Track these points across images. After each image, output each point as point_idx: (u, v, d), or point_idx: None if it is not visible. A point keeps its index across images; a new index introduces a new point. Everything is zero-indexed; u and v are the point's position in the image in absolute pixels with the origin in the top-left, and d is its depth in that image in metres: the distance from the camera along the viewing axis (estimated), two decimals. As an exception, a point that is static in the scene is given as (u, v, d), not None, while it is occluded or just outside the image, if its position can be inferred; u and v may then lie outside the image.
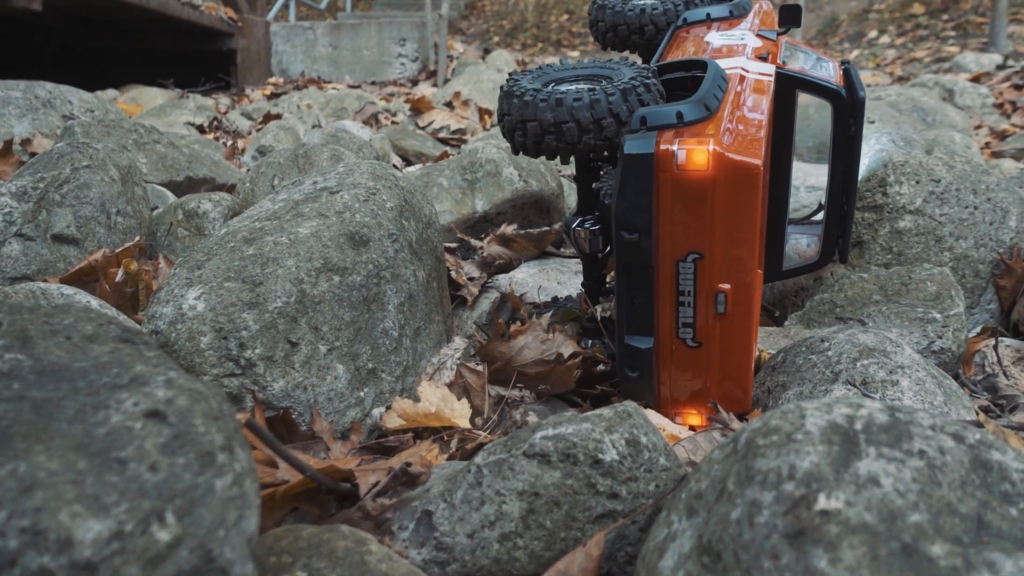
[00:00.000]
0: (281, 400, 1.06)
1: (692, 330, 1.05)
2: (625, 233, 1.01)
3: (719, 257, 1.00)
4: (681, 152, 0.97)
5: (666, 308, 1.05)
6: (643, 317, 1.06)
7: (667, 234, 1.01)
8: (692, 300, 1.03)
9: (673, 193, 0.98)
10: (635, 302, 1.05)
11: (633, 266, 1.03)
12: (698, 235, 0.99)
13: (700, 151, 0.96)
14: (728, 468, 0.63)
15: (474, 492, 0.79)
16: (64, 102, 3.00)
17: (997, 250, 1.55)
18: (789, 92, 1.26)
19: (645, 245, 1.01)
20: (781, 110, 1.27)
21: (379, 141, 2.85)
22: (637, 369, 1.08)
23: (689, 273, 1.02)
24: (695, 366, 1.07)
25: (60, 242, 1.47)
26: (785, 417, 0.63)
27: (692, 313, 1.04)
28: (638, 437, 0.82)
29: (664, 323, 1.06)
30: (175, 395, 0.61)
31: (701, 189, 0.97)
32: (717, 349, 1.05)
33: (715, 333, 1.04)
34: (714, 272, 1.01)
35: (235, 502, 0.57)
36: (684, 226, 0.99)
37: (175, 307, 1.08)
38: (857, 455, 0.57)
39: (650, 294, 1.04)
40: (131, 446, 0.56)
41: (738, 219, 0.98)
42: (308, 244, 1.14)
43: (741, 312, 1.02)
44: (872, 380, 1.07)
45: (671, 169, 0.97)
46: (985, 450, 0.60)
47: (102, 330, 0.76)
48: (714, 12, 1.58)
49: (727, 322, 1.03)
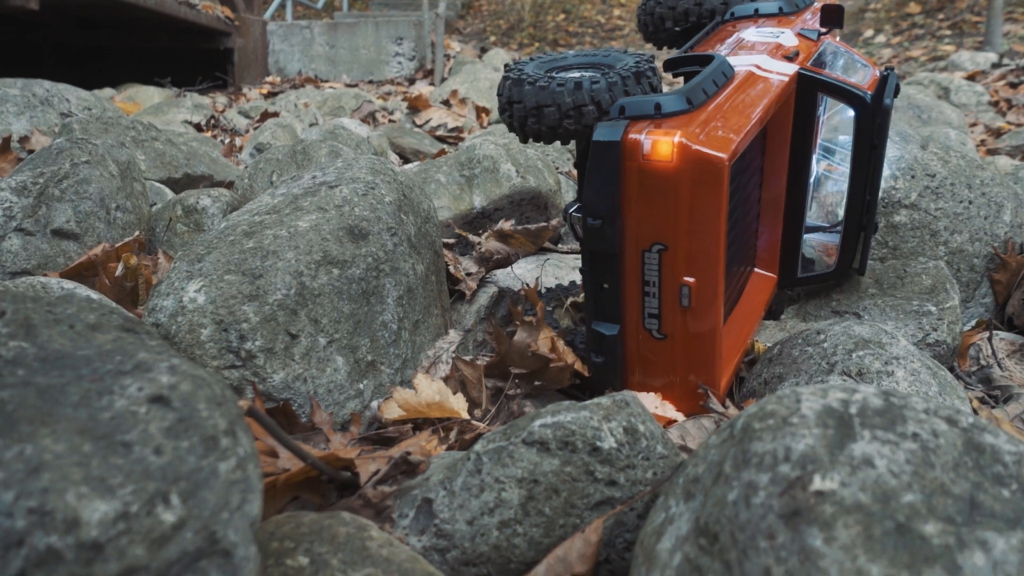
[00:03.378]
0: (281, 392, 1.07)
1: (657, 321, 1.05)
2: (590, 219, 1.02)
3: (683, 250, 1.00)
4: (647, 142, 0.98)
5: (632, 297, 1.06)
6: (610, 304, 1.07)
7: (633, 223, 1.02)
8: (657, 291, 1.04)
9: (639, 182, 0.99)
10: (603, 289, 1.06)
11: (599, 253, 1.04)
12: (663, 226, 1.00)
13: (665, 142, 0.97)
14: (725, 452, 0.64)
15: (474, 480, 0.80)
16: (62, 100, 3.00)
17: (992, 244, 1.56)
18: (811, 94, 1.25)
19: (608, 232, 1.02)
20: (802, 112, 1.25)
21: (377, 139, 2.85)
22: (602, 355, 1.09)
23: (654, 264, 1.02)
24: (661, 357, 1.07)
25: (60, 237, 1.47)
26: (781, 402, 0.64)
27: (657, 304, 1.04)
28: (636, 425, 0.82)
29: (631, 312, 1.07)
30: (178, 381, 0.62)
31: (665, 180, 0.98)
32: (682, 343, 1.05)
33: (680, 326, 1.05)
34: (678, 265, 1.01)
35: (238, 485, 0.58)
36: (649, 216, 1.00)
37: (175, 300, 1.08)
38: (852, 437, 0.58)
39: (616, 282, 1.05)
40: (136, 430, 0.57)
41: (703, 213, 0.98)
42: (307, 237, 1.15)
43: (706, 307, 1.03)
44: (867, 371, 1.08)
45: (638, 158, 0.98)
46: (978, 433, 0.61)
47: (104, 319, 0.76)
48: (763, 8, 1.55)
49: (692, 317, 1.04)
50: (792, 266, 1.35)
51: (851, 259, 1.33)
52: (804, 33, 1.41)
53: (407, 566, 0.70)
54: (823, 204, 1.41)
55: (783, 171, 1.28)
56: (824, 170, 1.42)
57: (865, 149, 1.25)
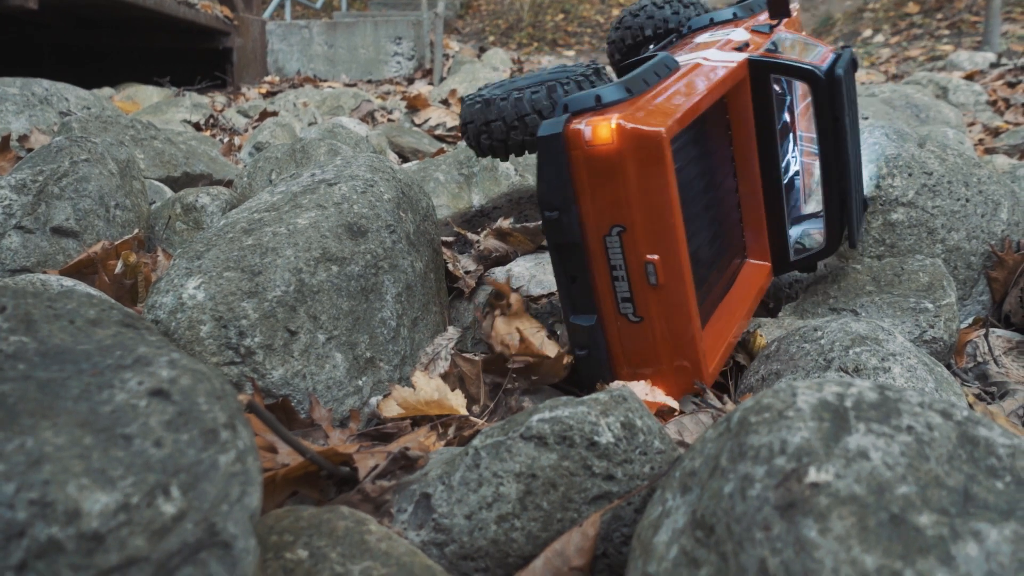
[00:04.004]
0: (280, 388, 1.07)
1: (632, 304, 1.07)
2: (547, 212, 1.05)
3: (641, 228, 1.03)
4: (587, 129, 1.01)
5: (604, 284, 1.08)
6: (583, 295, 1.09)
7: (589, 210, 1.04)
8: (625, 274, 1.06)
9: (587, 169, 1.02)
10: (574, 281, 1.09)
11: (563, 245, 1.07)
12: (617, 208, 1.03)
13: (603, 125, 1.00)
14: (721, 445, 0.64)
15: (472, 474, 0.81)
16: (61, 99, 3.00)
17: (989, 242, 1.57)
18: (764, 80, 1.28)
19: (566, 222, 1.05)
20: (760, 100, 1.28)
21: (376, 137, 2.86)
22: (585, 347, 1.11)
23: (616, 247, 1.04)
24: (642, 341, 1.09)
25: (59, 235, 1.48)
26: (777, 396, 0.64)
27: (628, 287, 1.06)
28: (633, 420, 0.83)
29: (605, 300, 1.09)
30: (178, 375, 0.63)
31: (610, 162, 1.01)
32: (659, 322, 1.07)
33: (654, 306, 1.06)
34: (639, 243, 1.03)
35: (238, 478, 0.59)
36: (603, 200, 1.03)
37: (175, 296, 1.09)
38: (847, 430, 0.59)
39: (585, 271, 1.08)
40: (136, 423, 0.57)
41: (652, 188, 1.01)
42: (307, 234, 1.15)
43: (675, 282, 1.04)
44: (864, 367, 1.09)
45: (582, 146, 1.01)
46: (972, 426, 0.61)
47: (104, 315, 0.77)
48: (717, 16, 1.61)
49: (663, 293, 1.05)
50: (783, 252, 1.36)
51: (839, 234, 1.34)
52: (756, 29, 1.45)
53: (406, 560, 0.70)
54: (815, 192, 1.42)
55: (754, 161, 1.31)
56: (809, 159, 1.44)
57: (827, 122, 1.27)
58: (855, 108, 1.38)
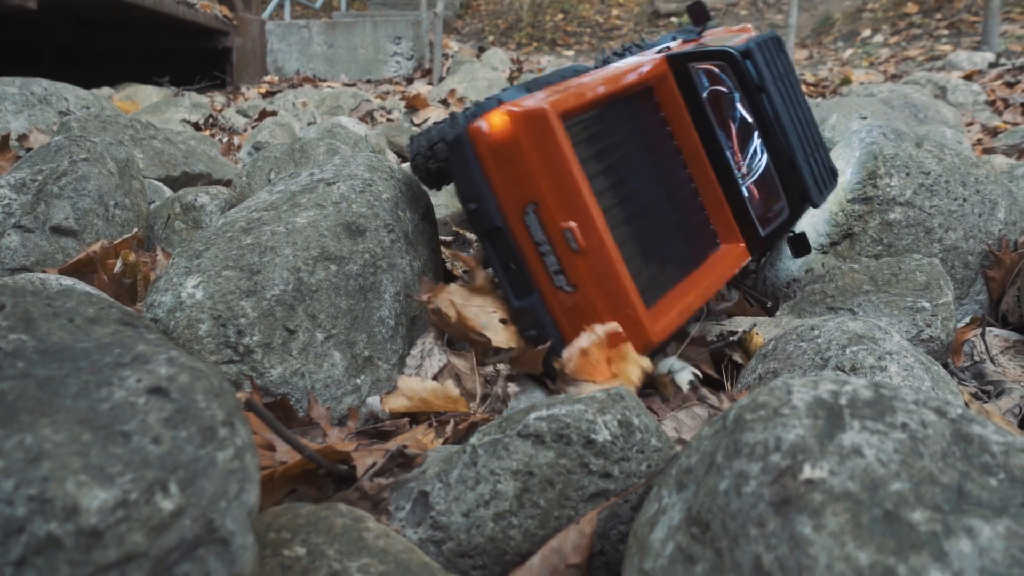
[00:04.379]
0: (279, 387, 1.07)
1: (563, 275, 1.13)
2: (470, 205, 1.15)
3: (552, 199, 1.11)
4: (484, 123, 1.12)
5: (535, 262, 1.14)
6: (520, 278, 1.16)
7: (505, 196, 1.13)
8: (550, 247, 1.13)
9: (492, 158, 1.12)
10: (509, 268, 1.16)
11: (489, 233, 1.16)
12: (526, 186, 1.11)
13: (496, 115, 1.11)
14: (717, 443, 0.64)
15: (469, 472, 0.81)
16: (60, 99, 3.00)
17: (986, 241, 1.57)
18: (686, 73, 1.35)
19: (485, 211, 1.14)
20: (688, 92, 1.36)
21: (375, 137, 2.86)
22: (533, 327, 1.17)
23: (535, 223, 1.12)
24: (582, 310, 1.14)
25: (58, 234, 1.48)
26: (772, 393, 0.65)
27: (555, 259, 1.13)
28: (630, 419, 0.83)
29: (540, 277, 1.15)
30: (177, 372, 0.63)
31: (509, 146, 1.11)
32: (593, 290, 1.12)
33: (583, 272, 1.12)
34: (554, 214, 1.11)
35: (236, 475, 0.59)
36: (513, 183, 1.12)
37: (174, 295, 1.09)
38: (841, 427, 0.59)
39: (516, 254, 1.15)
40: (134, 420, 0.58)
41: (551, 159, 1.09)
42: (305, 234, 1.16)
43: (595, 243, 1.10)
44: (861, 366, 1.09)
45: (483, 140, 1.12)
46: (966, 424, 0.62)
47: (103, 313, 0.77)
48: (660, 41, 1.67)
49: (587, 257, 1.11)
50: (752, 230, 1.38)
51: (796, 196, 1.36)
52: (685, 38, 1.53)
53: (403, 557, 0.71)
54: None
55: (700, 151, 1.37)
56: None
57: (753, 94, 1.34)
58: (790, 80, 1.44)
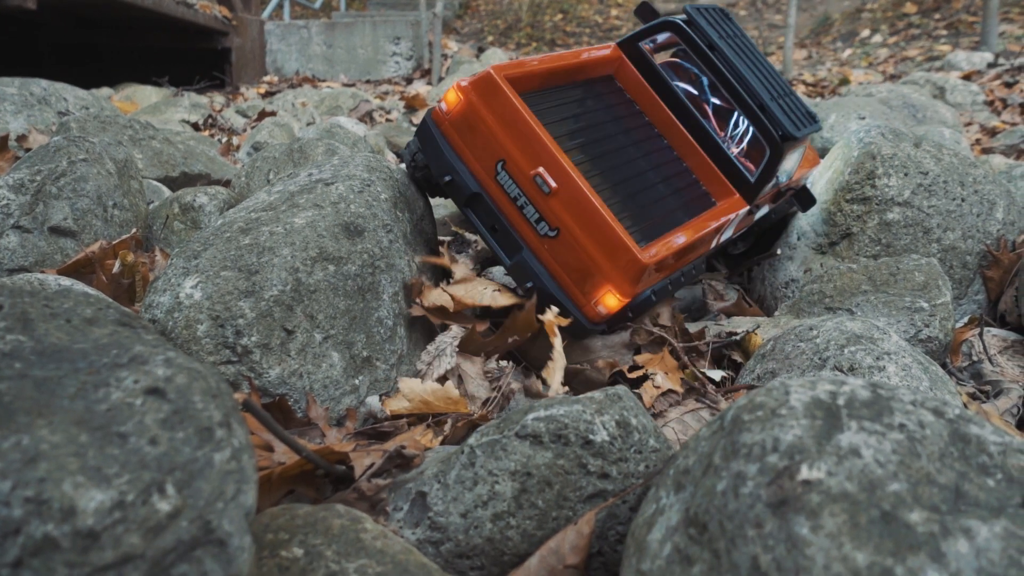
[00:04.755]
0: (277, 387, 1.07)
1: (545, 222, 1.19)
2: (444, 178, 1.23)
3: (516, 150, 1.18)
4: (441, 103, 1.23)
5: (516, 217, 1.21)
6: (506, 237, 1.22)
7: (474, 162, 1.22)
8: (526, 198, 1.19)
9: (456, 131, 1.22)
10: (495, 229, 1.23)
11: (468, 201, 1.23)
12: (492, 146, 1.20)
13: (450, 92, 1.23)
14: (715, 444, 0.64)
15: (467, 472, 0.81)
16: (59, 99, 3.00)
17: (984, 241, 1.57)
18: (636, 51, 1.46)
19: (460, 181, 1.22)
20: (645, 71, 1.46)
21: (374, 137, 2.86)
22: (529, 279, 1.22)
23: (507, 179, 1.20)
24: (570, 250, 1.18)
25: (57, 234, 1.48)
26: (770, 394, 0.64)
27: (533, 208, 1.19)
28: (628, 419, 0.83)
29: (524, 230, 1.21)
30: (174, 373, 0.63)
31: (467, 115, 1.21)
32: (573, 225, 1.17)
33: (560, 212, 1.17)
34: (522, 164, 1.18)
35: (233, 476, 0.59)
36: (479, 147, 1.21)
37: (172, 296, 1.09)
38: (839, 428, 0.59)
39: (496, 214, 1.22)
40: (131, 421, 0.58)
41: (507, 114, 1.18)
42: (304, 234, 1.16)
43: (566, 183, 1.16)
44: (859, 366, 1.09)
45: (444, 118, 1.23)
46: (964, 424, 0.62)
47: (101, 314, 0.77)
48: None
49: (562, 197, 1.17)
50: (742, 179, 1.43)
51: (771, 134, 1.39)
52: None
53: (401, 558, 0.71)
54: None
55: (671, 120, 1.45)
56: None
57: (705, 55, 1.41)
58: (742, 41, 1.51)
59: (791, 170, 1.60)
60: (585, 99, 1.40)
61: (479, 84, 1.20)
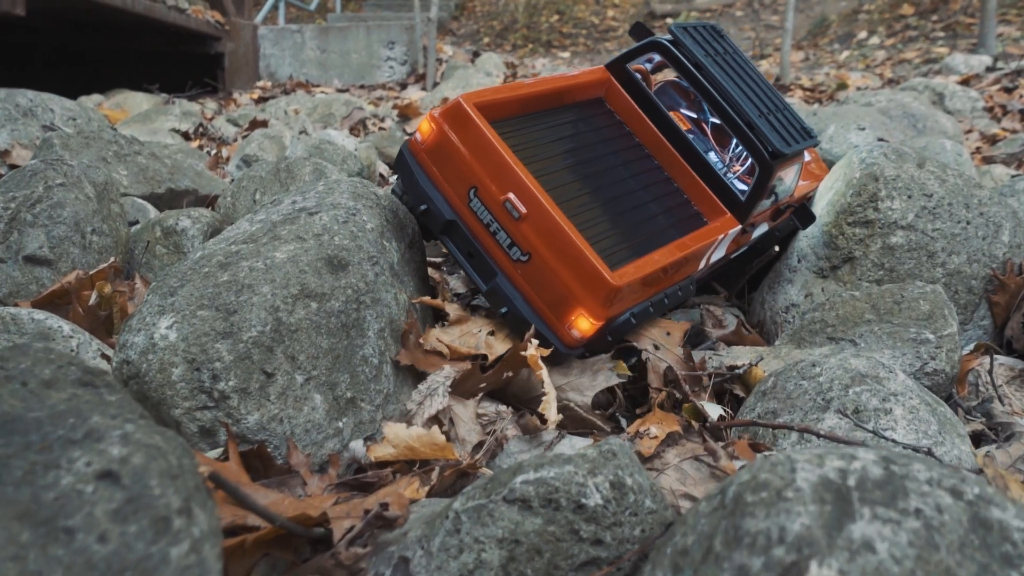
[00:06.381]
0: (256, 433, 1.03)
1: (517, 247, 1.20)
2: (420, 207, 1.25)
3: (487, 177, 1.19)
4: (416, 133, 1.26)
5: (489, 243, 1.22)
6: (482, 263, 1.23)
7: (448, 189, 1.23)
8: (497, 223, 1.20)
9: (431, 160, 1.24)
10: (471, 255, 1.24)
11: (444, 228, 1.24)
12: (464, 173, 1.21)
13: (423, 122, 1.25)
14: (715, 524, 0.60)
15: (452, 540, 0.76)
16: (46, 110, 2.95)
17: (990, 265, 1.53)
18: (625, 74, 1.46)
19: (436, 209, 1.24)
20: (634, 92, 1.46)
21: (365, 150, 2.81)
22: (503, 305, 1.22)
23: (480, 205, 1.21)
24: (542, 274, 1.19)
25: (32, 263, 1.43)
26: (775, 470, 0.60)
27: (505, 233, 1.20)
28: (623, 479, 0.79)
29: (498, 256, 1.22)
30: (130, 452, 0.58)
31: (439, 143, 1.23)
32: (543, 249, 1.17)
33: (530, 236, 1.18)
34: (492, 190, 1.19)
35: (192, 571, 0.54)
36: (454, 176, 1.22)
37: (146, 336, 1.04)
38: (850, 516, 0.55)
39: (472, 241, 1.23)
40: (80, 513, 0.53)
41: (477, 142, 1.20)
42: (285, 269, 1.11)
43: (535, 207, 1.17)
44: (864, 409, 1.05)
45: (419, 148, 1.25)
46: (984, 507, 0.57)
47: (61, 373, 0.72)
48: None
49: (532, 222, 1.17)
50: (733, 199, 1.42)
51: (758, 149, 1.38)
52: None
53: (380, 639, 0.66)
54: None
55: (662, 141, 1.44)
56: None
57: (691, 73, 1.40)
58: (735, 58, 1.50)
59: (790, 186, 1.57)
60: (573, 123, 1.39)
61: (449, 113, 1.22)
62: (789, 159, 1.43)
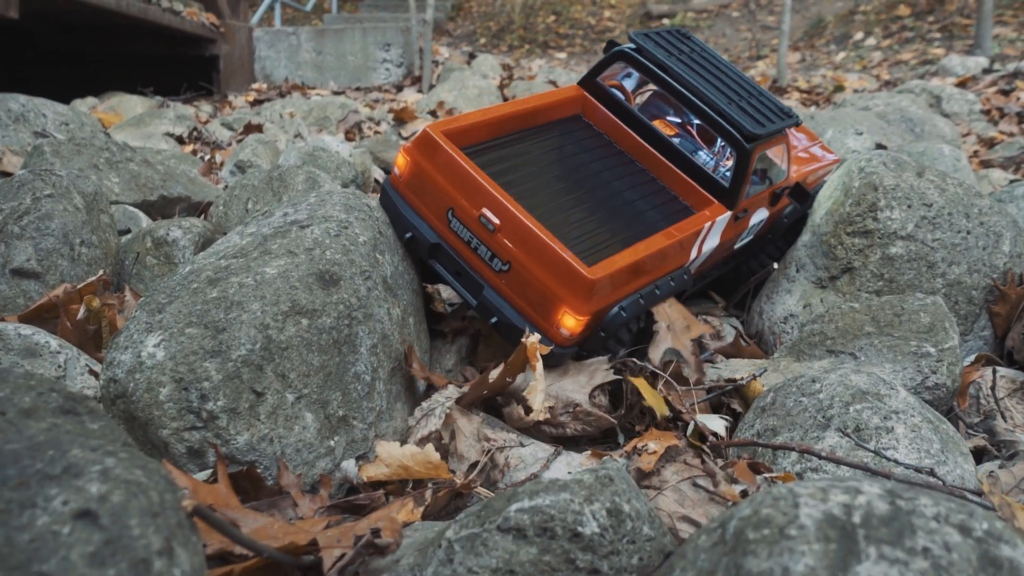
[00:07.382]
0: (246, 454, 1.01)
1: (497, 258, 1.24)
2: (406, 235, 1.31)
3: (461, 196, 1.25)
4: (394, 168, 1.34)
5: (472, 259, 1.27)
6: (469, 279, 1.28)
7: (430, 215, 1.30)
8: (476, 239, 1.25)
9: (410, 190, 1.31)
10: (459, 274, 1.29)
11: (431, 252, 1.30)
12: (441, 197, 1.28)
13: (399, 156, 1.33)
14: (715, 561, 0.58)
15: (445, 570, 0.74)
16: (38, 116, 2.92)
17: (991, 275, 1.51)
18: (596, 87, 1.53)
19: (420, 235, 1.30)
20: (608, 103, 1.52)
21: (360, 155, 2.79)
22: (493, 315, 1.26)
23: (459, 224, 1.27)
24: (523, 279, 1.23)
25: (20, 276, 1.41)
26: (777, 505, 0.58)
27: (485, 247, 1.25)
28: (620, 505, 0.77)
29: (483, 271, 1.26)
30: (110, 490, 0.56)
31: (415, 172, 1.30)
32: (520, 255, 1.21)
33: (507, 245, 1.22)
34: (467, 209, 1.25)
35: (173, 616, 0.52)
36: (432, 201, 1.29)
37: (134, 354, 1.02)
38: (856, 556, 0.53)
39: (457, 260, 1.28)
40: (56, 557, 0.51)
41: (447, 166, 1.26)
42: (275, 286, 1.09)
43: (506, 217, 1.21)
44: (866, 427, 1.03)
45: (399, 180, 1.33)
46: (994, 544, 0.55)
47: (41, 401, 0.70)
48: None
49: (506, 231, 1.22)
50: (718, 187, 1.45)
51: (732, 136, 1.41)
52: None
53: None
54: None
55: (642, 145, 1.49)
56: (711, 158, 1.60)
57: (656, 74, 1.47)
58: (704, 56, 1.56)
59: (783, 169, 1.57)
60: (552, 139, 1.45)
61: (419, 143, 1.29)
62: (766, 140, 1.46)
